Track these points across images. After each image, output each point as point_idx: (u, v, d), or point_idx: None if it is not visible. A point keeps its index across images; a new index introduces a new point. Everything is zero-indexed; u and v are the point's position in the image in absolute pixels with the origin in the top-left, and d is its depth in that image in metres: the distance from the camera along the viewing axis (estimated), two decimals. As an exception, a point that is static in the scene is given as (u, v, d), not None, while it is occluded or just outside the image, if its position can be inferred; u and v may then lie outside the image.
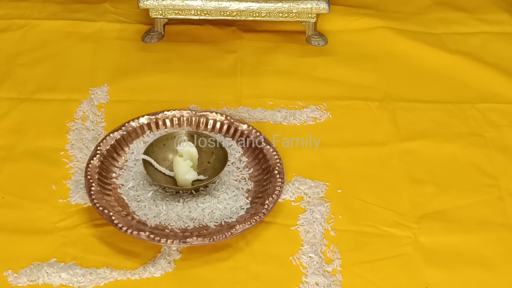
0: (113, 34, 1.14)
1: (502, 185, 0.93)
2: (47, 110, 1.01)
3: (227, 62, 1.10)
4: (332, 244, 0.85)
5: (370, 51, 1.13)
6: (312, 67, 1.10)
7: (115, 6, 1.19)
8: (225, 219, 0.86)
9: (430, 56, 1.11)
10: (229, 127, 0.96)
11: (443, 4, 1.22)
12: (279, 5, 1.10)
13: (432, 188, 0.92)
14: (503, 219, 0.89)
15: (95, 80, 1.06)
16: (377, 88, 1.06)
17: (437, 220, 0.88)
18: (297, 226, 0.87)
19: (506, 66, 1.10)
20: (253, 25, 1.16)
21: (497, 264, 0.84)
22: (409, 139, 0.98)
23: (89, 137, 0.97)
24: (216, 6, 1.10)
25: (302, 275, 0.82)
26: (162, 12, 1.11)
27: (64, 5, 1.19)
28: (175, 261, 0.83)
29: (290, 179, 0.92)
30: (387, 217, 0.89)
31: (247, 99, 1.03)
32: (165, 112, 0.97)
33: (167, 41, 1.14)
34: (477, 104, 1.04)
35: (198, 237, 0.82)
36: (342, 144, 0.98)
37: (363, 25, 1.16)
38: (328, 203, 0.89)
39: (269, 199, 0.87)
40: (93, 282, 0.80)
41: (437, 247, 0.86)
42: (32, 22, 1.15)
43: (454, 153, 0.97)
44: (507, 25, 1.17)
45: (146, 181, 0.89)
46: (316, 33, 1.13)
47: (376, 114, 1.02)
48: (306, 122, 1.01)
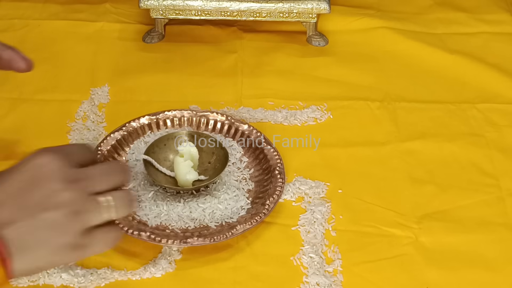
0: (114, 35, 1.14)
1: (502, 185, 0.93)
2: (47, 110, 1.01)
3: (227, 62, 1.10)
4: (332, 244, 0.85)
5: (371, 51, 1.13)
6: (313, 67, 1.10)
7: (116, 7, 1.19)
8: (225, 219, 0.86)
9: (431, 56, 1.11)
10: (229, 127, 0.96)
11: (443, 4, 1.22)
12: (280, 5, 1.10)
13: (433, 188, 0.92)
14: (503, 219, 0.89)
15: (96, 80, 1.06)
16: (378, 88, 1.06)
17: (438, 220, 0.88)
18: (298, 226, 0.87)
19: (507, 66, 1.10)
20: (253, 25, 1.16)
21: (498, 264, 0.84)
22: (409, 139, 0.98)
23: (90, 137, 0.97)
24: (216, 6, 1.10)
25: (303, 275, 0.82)
26: (162, 12, 1.11)
27: (65, 5, 1.19)
28: (175, 261, 0.83)
29: (290, 179, 0.92)
30: (388, 217, 0.89)
31: (248, 99, 1.04)
32: (166, 112, 0.97)
33: (167, 41, 1.14)
34: (477, 104, 1.04)
35: (198, 237, 0.82)
36: (343, 144, 0.98)
37: (363, 25, 1.16)
38: (329, 203, 0.89)
39: (270, 199, 0.87)
40: (94, 283, 0.80)
41: (437, 247, 0.86)
42: (32, 23, 1.15)
43: (455, 153, 0.97)
44: (508, 25, 1.17)
45: (147, 181, 0.89)
46: (316, 33, 1.14)
47: (377, 114, 1.02)
48: (306, 122, 1.01)
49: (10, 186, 0.64)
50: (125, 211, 0.68)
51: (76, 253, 0.66)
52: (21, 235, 0.63)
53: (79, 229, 0.65)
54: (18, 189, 0.64)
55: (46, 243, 0.64)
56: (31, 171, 0.65)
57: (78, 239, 0.65)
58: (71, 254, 0.66)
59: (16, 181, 0.64)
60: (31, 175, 0.64)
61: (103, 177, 0.68)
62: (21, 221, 0.63)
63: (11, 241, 0.63)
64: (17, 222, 0.63)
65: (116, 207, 0.67)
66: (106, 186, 0.68)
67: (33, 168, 0.65)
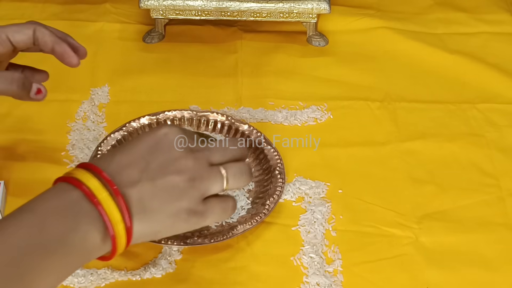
0: (114, 35, 1.14)
1: (502, 185, 0.93)
2: (47, 110, 1.01)
3: (228, 62, 1.10)
4: (333, 245, 0.85)
5: (371, 51, 1.13)
6: (313, 67, 1.10)
7: (116, 7, 1.19)
8: (226, 219, 0.86)
9: (431, 56, 1.11)
10: (229, 127, 0.96)
11: (443, 4, 1.22)
12: (280, 6, 1.10)
13: (433, 188, 0.92)
14: (503, 219, 0.89)
15: (96, 80, 1.06)
16: (378, 88, 1.06)
17: (438, 220, 0.88)
18: (298, 226, 0.87)
19: (507, 66, 1.10)
20: (254, 25, 1.16)
21: (498, 264, 0.84)
22: (409, 139, 0.98)
23: (90, 137, 0.97)
24: (217, 7, 1.10)
25: (303, 275, 0.82)
26: (162, 12, 1.11)
27: (65, 5, 1.19)
28: (175, 261, 0.83)
29: (291, 179, 0.92)
30: (388, 217, 0.89)
31: (248, 99, 1.04)
32: (166, 112, 0.97)
33: (168, 41, 1.14)
34: (477, 104, 1.04)
35: (199, 237, 0.82)
36: (343, 144, 0.98)
37: (363, 25, 1.16)
38: (329, 203, 0.89)
39: (270, 200, 0.87)
40: (94, 283, 0.80)
41: (437, 247, 0.86)
42: (32, 23, 1.15)
43: (455, 153, 0.97)
44: (508, 25, 1.17)
45: (147, 181, 0.89)
46: (317, 33, 1.14)
47: (377, 114, 1.02)
48: (306, 122, 1.01)
49: (137, 150, 0.67)
50: (244, 182, 0.70)
51: (194, 219, 0.67)
52: (143, 196, 0.65)
53: (199, 195, 0.67)
54: (144, 153, 0.67)
55: (166, 206, 0.66)
56: (156, 138, 0.68)
57: (197, 205, 0.67)
58: (189, 220, 0.67)
59: (142, 146, 0.67)
60: (157, 142, 0.67)
61: (222, 150, 0.71)
62: (144, 182, 0.65)
63: (133, 201, 0.64)
64: (140, 183, 0.65)
65: (235, 178, 0.69)
66: (225, 158, 0.70)
67: (159, 136, 0.68)
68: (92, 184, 0.64)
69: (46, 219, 0.62)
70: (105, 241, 0.63)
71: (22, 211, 0.63)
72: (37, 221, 0.62)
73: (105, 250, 0.65)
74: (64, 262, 0.62)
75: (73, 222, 0.62)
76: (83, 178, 0.64)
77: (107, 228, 0.63)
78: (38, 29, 0.81)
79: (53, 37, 0.81)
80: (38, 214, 0.62)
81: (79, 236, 0.62)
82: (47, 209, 0.63)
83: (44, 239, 0.61)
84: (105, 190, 0.63)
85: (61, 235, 0.62)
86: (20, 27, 0.81)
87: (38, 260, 0.60)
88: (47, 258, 0.61)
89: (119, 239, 0.64)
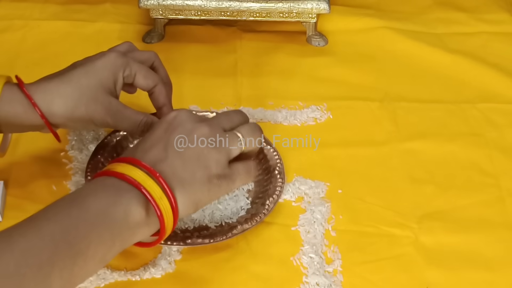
0: (114, 35, 1.14)
1: (502, 185, 0.93)
2: (47, 110, 1.01)
3: (227, 62, 1.10)
4: (332, 245, 0.85)
5: (371, 51, 1.13)
6: (313, 67, 1.10)
7: (116, 7, 1.19)
8: (225, 219, 0.86)
9: (431, 56, 1.11)
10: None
11: (443, 4, 1.22)
12: (280, 5, 1.10)
13: (433, 188, 0.92)
14: (503, 219, 0.89)
15: (96, 80, 1.06)
16: (378, 88, 1.06)
17: (438, 220, 0.88)
18: (298, 226, 0.87)
19: (507, 66, 1.10)
20: (253, 25, 1.16)
21: (498, 264, 0.84)
22: (409, 139, 0.98)
23: (90, 137, 0.97)
24: (216, 6, 1.10)
25: (302, 275, 0.82)
26: (162, 12, 1.11)
27: (65, 5, 1.19)
28: (175, 262, 0.83)
29: (290, 179, 0.92)
30: (388, 217, 0.89)
31: (248, 99, 1.04)
32: (166, 112, 0.97)
33: (167, 41, 1.14)
34: (477, 104, 1.04)
35: (198, 237, 0.82)
36: (343, 144, 0.98)
37: (363, 25, 1.16)
38: (329, 203, 0.89)
39: (270, 200, 0.87)
40: (94, 283, 0.80)
41: (437, 247, 0.86)
42: (32, 23, 1.15)
43: (455, 153, 0.97)
44: (508, 25, 1.17)
45: (147, 181, 0.89)
46: (316, 33, 1.13)
47: (377, 114, 1.02)
48: (306, 122, 1.01)
49: (155, 135, 0.74)
50: (257, 140, 0.78)
51: (224, 183, 0.74)
52: (175, 170, 0.70)
53: (224, 159, 0.74)
54: (161, 134, 0.74)
55: (198, 175, 0.72)
56: (168, 121, 0.75)
57: (224, 169, 0.74)
58: (221, 185, 0.73)
59: (158, 130, 0.74)
60: (169, 124, 0.75)
61: (228, 117, 0.79)
62: (172, 156, 0.71)
63: (169, 176, 0.69)
64: (169, 158, 0.71)
65: (248, 136, 0.77)
66: (233, 123, 0.78)
67: (169, 119, 0.75)
68: (124, 169, 0.68)
69: (86, 198, 0.66)
70: (149, 216, 0.67)
71: (60, 200, 0.67)
72: (77, 201, 0.66)
73: (151, 228, 0.68)
74: (109, 235, 0.66)
75: (113, 197, 0.67)
76: (114, 168, 0.69)
77: (150, 202, 0.67)
78: (159, 88, 0.87)
79: (166, 100, 0.88)
80: (77, 196, 0.67)
81: (120, 210, 0.66)
82: (86, 190, 0.68)
83: (86, 214, 0.65)
84: (138, 170, 0.68)
85: (103, 209, 0.66)
86: (149, 74, 0.86)
87: (83, 232, 0.64)
88: (93, 230, 0.65)
89: (165, 214, 0.67)
